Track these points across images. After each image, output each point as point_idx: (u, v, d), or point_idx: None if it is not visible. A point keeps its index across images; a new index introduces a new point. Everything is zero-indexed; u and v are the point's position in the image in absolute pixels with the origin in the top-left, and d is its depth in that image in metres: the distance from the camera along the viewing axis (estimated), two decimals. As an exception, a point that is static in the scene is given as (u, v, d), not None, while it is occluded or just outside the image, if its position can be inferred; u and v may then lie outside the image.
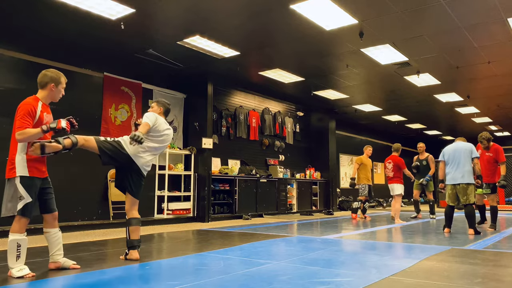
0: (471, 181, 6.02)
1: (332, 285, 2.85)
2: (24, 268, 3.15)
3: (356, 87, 10.33)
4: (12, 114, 3.33)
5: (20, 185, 3.18)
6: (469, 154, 6.10)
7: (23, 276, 3.09)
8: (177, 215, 8.41)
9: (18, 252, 3.12)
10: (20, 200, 3.16)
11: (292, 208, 11.38)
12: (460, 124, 15.93)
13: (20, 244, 3.15)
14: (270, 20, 6.24)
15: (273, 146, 11.63)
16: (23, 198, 3.17)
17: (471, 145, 6.24)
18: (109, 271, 3.37)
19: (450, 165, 6.22)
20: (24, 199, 3.17)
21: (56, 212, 3.49)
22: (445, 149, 6.38)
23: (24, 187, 3.18)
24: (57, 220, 3.50)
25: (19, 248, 3.13)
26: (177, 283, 2.91)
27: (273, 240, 5.38)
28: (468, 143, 6.28)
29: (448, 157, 6.25)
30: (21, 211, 3.16)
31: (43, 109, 3.37)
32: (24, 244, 3.17)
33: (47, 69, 3.52)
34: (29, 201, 3.18)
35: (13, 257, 3.12)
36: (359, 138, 16.83)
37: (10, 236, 3.15)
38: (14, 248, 3.12)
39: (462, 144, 6.26)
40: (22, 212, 3.16)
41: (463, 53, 7.71)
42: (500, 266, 3.57)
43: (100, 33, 6.67)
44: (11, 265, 3.13)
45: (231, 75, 9.28)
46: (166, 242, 5.39)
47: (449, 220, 6.34)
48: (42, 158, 3.37)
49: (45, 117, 3.36)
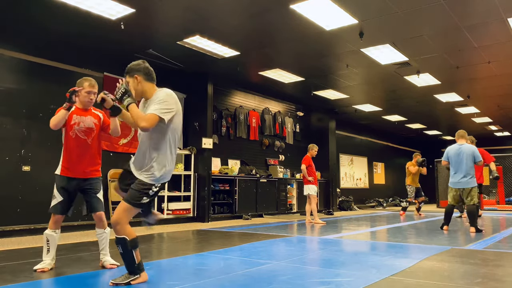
0: (475, 184, 6.20)
1: (332, 285, 2.85)
2: (44, 262, 3.39)
3: (356, 87, 10.33)
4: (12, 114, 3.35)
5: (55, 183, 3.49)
6: (472, 158, 6.22)
7: (36, 270, 3.32)
8: (177, 215, 8.40)
9: (48, 246, 3.41)
10: (53, 198, 3.47)
11: (292, 208, 11.37)
12: (460, 124, 15.91)
13: (49, 239, 3.42)
14: (270, 20, 6.24)
15: (273, 146, 11.63)
16: (55, 197, 3.46)
17: (474, 148, 6.32)
18: (109, 271, 3.37)
19: (453, 168, 6.33)
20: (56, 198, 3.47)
21: (98, 212, 3.58)
22: (449, 150, 6.47)
23: (56, 186, 3.50)
24: (103, 221, 3.61)
25: (48, 242, 3.42)
26: (177, 283, 2.91)
27: (273, 240, 5.37)
28: (471, 146, 6.35)
29: (451, 159, 6.36)
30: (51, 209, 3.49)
31: (74, 111, 3.54)
32: (52, 240, 3.43)
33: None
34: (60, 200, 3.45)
35: (44, 249, 3.44)
36: (359, 138, 16.84)
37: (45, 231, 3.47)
38: (45, 242, 3.45)
39: (465, 147, 6.32)
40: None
41: (463, 53, 7.71)
42: (500, 266, 3.57)
43: (100, 33, 6.67)
44: (43, 257, 3.43)
45: (231, 75, 9.28)
46: (166, 242, 5.39)
47: (448, 218, 6.48)
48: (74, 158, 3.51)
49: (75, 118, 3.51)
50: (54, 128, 3.40)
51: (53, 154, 6.80)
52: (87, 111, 3.60)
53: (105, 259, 3.55)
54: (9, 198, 6.21)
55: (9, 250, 4.62)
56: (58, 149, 7.08)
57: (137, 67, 3.06)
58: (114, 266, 3.52)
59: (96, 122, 3.60)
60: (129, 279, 2.88)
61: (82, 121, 3.52)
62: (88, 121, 3.55)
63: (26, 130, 6.48)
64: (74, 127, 3.48)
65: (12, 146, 6.29)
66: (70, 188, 3.48)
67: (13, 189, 6.26)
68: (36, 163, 6.54)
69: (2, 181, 6.16)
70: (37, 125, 6.60)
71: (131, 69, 3.06)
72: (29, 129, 6.51)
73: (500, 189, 13.99)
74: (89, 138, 3.53)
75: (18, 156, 6.36)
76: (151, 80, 3.08)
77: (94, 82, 3.60)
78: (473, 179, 6.19)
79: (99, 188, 3.60)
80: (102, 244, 3.58)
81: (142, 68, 3.06)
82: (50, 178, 7.06)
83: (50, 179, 7.00)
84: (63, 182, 3.47)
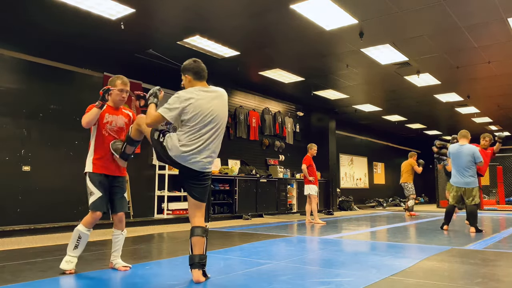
0: (476, 185, 6.21)
1: (332, 285, 2.85)
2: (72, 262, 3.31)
3: (356, 87, 10.33)
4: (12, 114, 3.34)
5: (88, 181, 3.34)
6: (472, 159, 6.20)
7: (65, 271, 3.24)
8: (177, 215, 8.40)
9: (78, 243, 3.30)
10: (90, 195, 3.33)
11: (292, 208, 11.37)
12: (460, 124, 15.91)
13: (81, 237, 3.31)
14: (270, 20, 6.24)
15: (273, 146, 11.63)
16: (93, 193, 3.32)
17: (475, 149, 6.29)
18: (109, 271, 3.37)
19: (454, 167, 6.36)
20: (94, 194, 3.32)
21: (120, 213, 3.46)
22: (451, 149, 6.51)
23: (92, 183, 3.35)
24: (123, 222, 3.50)
25: (79, 239, 3.31)
26: (177, 283, 2.91)
27: (273, 240, 5.37)
28: (472, 147, 6.30)
29: (453, 158, 6.39)
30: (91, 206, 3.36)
31: (106, 110, 3.46)
32: (84, 238, 3.32)
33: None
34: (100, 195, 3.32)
35: (72, 244, 3.31)
36: (359, 138, 16.84)
37: (78, 226, 3.34)
38: (75, 237, 3.31)
39: (465, 148, 6.30)
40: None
41: (463, 53, 7.71)
42: (500, 266, 3.57)
43: (100, 33, 6.67)
44: (67, 251, 3.32)
45: (231, 75, 9.28)
46: (166, 242, 5.39)
47: (449, 218, 6.52)
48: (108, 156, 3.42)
49: (107, 117, 3.44)
50: (86, 126, 3.32)
51: (53, 154, 6.84)
52: (118, 110, 3.54)
53: (116, 261, 3.47)
54: (9, 198, 6.21)
55: (9, 250, 4.61)
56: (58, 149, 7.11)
57: (187, 66, 3.15)
58: (127, 268, 3.44)
59: (126, 122, 3.56)
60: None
61: (114, 120, 3.46)
62: (120, 121, 3.50)
63: (26, 130, 6.48)
64: (106, 126, 3.41)
65: (12, 146, 6.29)
66: (106, 185, 3.38)
67: (13, 189, 6.26)
68: (36, 163, 6.54)
69: (2, 181, 6.16)
70: (37, 125, 6.60)
71: (182, 68, 3.17)
72: (29, 129, 6.51)
73: (500, 189, 13.99)
74: (120, 137, 3.50)
75: (18, 156, 6.36)
76: (200, 78, 3.14)
77: (127, 80, 3.54)
78: (474, 180, 6.19)
79: (125, 188, 3.55)
80: (116, 246, 3.46)
81: (191, 67, 3.12)
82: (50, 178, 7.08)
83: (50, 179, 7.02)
84: (100, 177, 3.34)
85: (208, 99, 3.04)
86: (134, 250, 4.49)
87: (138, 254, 4.22)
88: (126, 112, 3.62)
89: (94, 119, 3.31)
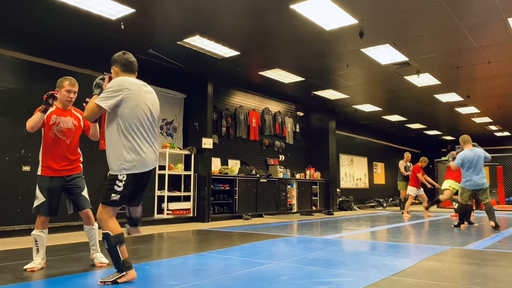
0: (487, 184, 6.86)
1: (332, 285, 2.85)
2: (34, 262, 3.36)
3: (356, 87, 10.33)
4: (12, 114, 3.35)
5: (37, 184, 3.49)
6: (483, 159, 6.81)
7: (26, 269, 3.30)
8: (177, 215, 8.41)
9: (37, 246, 3.39)
10: (35, 199, 3.43)
11: (292, 208, 11.37)
12: (460, 124, 15.92)
13: (37, 240, 3.39)
14: (270, 20, 6.24)
15: (273, 146, 11.63)
16: (37, 197, 3.43)
17: (482, 150, 6.98)
18: (109, 271, 3.37)
19: (470, 171, 6.77)
20: (38, 199, 3.42)
21: (85, 210, 3.55)
22: (465, 156, 6.85)
23: (39, 187, 3.45)
24: (90, 218, 3.58)
25: (36, 243, 3.39)
26: (177, 283, 2.91)
27: (273, 240, 5.37)
28: (481, 149, 6.96)
29: (470, 163, 6.77)
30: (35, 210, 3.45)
31: (54, 112, 3.53)
32: (40, 240, 3.39)
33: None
34: (43, 201, 3.40)
35: (34, 250, 3.41)
36: (359, 138, 16.84)
37: (32, 231, 3.44)
38: (33, 242, 3.42)
39: (478, 151, 6.89)
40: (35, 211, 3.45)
41: (463, 53, 7.71)
42: (500, 266, 3.57)
43: (100, 33, 6.67)
44: (33, 257, 3.42)
45: (231, 75, 9.28)
46: (166, 242, 5.39)
47: (464, 217, 7.07)
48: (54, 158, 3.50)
49: (54, 119, 3.49)
50: (31, 130, 3.40)
51: (53, 154, 6.83)
52: (67, 111, 3.57)
53: (95, 255, 3.57)
54: (9, 198, 6.21)
55: (9, 250, 4.62)
56: (58, 149, 7.06)
57: (115, 58, 3.06)
58: (103, 264, 3.52)
59: (76, 124, 3.58)
60: (115, 277, 2.83)
61: (62, 121, 3.49)
62: (68, 122, 3.52)
63: (26, 130, 6.46)
64: (53, 127, 3.46)
65: (12, 146, 6.29)
66: (54, 188, 3.43)
67: (13, 189, 6.26)
68: (36, 163, 6.48)
69: (2, 181, 6.16)
70: (37, 125, 6.59)
71: (111, 60, 3.08)
72: (29, 129, 6.50)
73: (500, 189, 13.99)
74: (68, 138, 3.51)
75: (18, 156, 6.36)
76: (129, 71, 3.04)
77: (75, 81, 3.58)
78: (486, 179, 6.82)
79: (83, 186, 3.57)
80: (92, 240, 3.60)
81: (119, 59, 3.04)
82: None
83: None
84: (46, 182, 3.43)
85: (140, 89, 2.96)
86: (134, 250, 4.49)
87: (138, 254, 4.22)
88: (76, 114, 3.63)
89: (38, 124, 3.37)
